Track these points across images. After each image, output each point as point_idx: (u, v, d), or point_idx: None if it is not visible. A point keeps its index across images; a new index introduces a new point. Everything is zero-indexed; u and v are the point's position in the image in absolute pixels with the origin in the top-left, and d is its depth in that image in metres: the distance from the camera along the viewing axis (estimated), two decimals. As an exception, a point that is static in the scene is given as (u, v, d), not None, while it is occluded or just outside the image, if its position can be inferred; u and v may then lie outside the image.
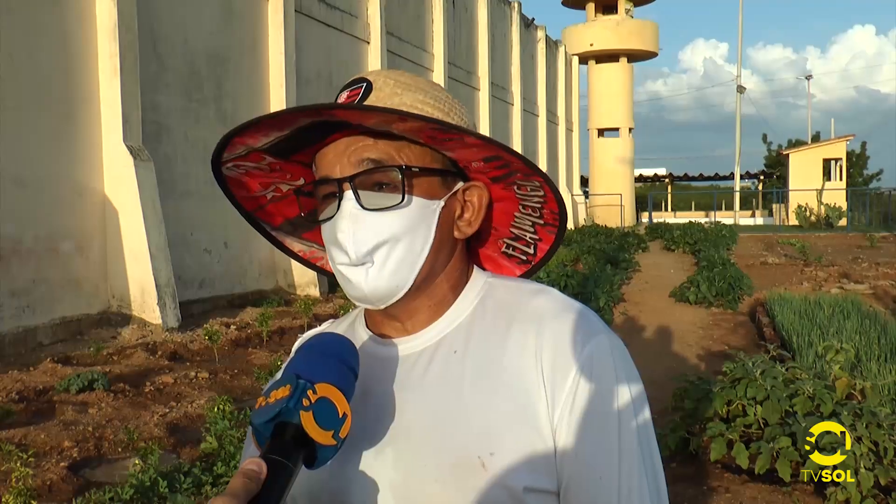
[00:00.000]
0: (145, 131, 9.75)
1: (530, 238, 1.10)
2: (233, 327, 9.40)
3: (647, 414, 0.94)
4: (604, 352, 0.93)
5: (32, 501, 3.72)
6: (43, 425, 5.41)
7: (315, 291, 12.51)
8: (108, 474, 4.69)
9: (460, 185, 1.01)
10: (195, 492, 4.06)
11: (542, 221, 1.07)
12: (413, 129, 0.93)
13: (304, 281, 12.67)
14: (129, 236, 9.21)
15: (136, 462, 4.30)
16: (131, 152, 9.18)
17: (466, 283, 1.03)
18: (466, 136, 0.93)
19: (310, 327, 9.09)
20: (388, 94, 0.97)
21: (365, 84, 0.98)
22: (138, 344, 8.28)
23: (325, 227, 0.98)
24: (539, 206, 1.05)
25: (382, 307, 0.97)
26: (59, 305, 8.61)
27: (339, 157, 0.95)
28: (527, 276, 1.12)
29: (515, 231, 1.10)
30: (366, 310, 1.06)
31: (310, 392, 0.82)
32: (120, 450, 5.09)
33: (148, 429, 5.34)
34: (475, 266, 1.06)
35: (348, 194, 0.94)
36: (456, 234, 1.01)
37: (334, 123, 0.94)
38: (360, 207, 0.93)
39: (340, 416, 0.83)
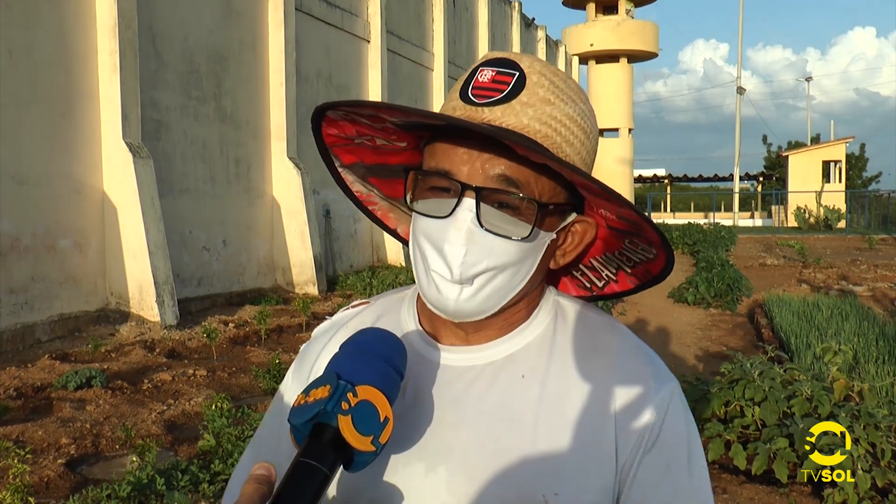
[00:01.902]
0: (144, 128, 9.74)
1: (606, 276, 1.03)
2: (231, 325, 9.40)
3: (704, 459, 0.94)
4: (676, 400, 0.92)
5: (30, 498, 3.72)
6: (40, 422, 5.41)
7: (313, 290, 12.51)
8: (106, 471, 4.69)
9: (573, 217, 0.94)
10: (192, 489, 4.05)
11: (629, 271, 1.00)
12: (558, 169, 0.85)
13: (303, 279, 12.67)
14: (127, 233, 9.20)
15: (134, 459, 4.30)
16: (130, 149, 9.17)
17: (539, 303, 0.98)
18: (626, 209, 0.86)
19: (308, 326, 9.00)
20: (541, 98, 0.87)
21: (517, 75, 0.88)
22: (136, 341, 8.27)
23: (425, 222, 0.89)
24: (639, 261, 0.98)
25: (457, 321, 0.91)
26: (58, 302, 8.60)
27: (472, 160, 0.86)
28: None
29: (595, 263, 1.03)
30: (420, 302, 1.00)
31: (350, 395, 0.78)
32: (117, 447, 5.08)
33: (145, 426, 5.34)
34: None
35: (469, 203, 0.85)
36: (551, 263, 0.95)
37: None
38: (478, 224, 0.85)
39: (382, 420, 0.78)
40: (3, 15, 7.94)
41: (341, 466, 0.79)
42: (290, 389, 1.05)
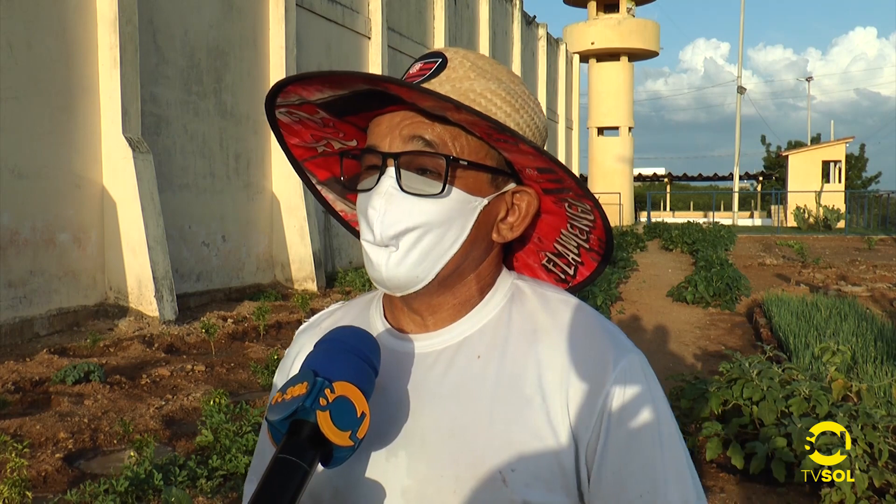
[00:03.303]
0: (144, 123, 9.73)
1: (572, 259, 1.05)
2: (230, 321, 9.40)
3: (678, 429, 0.93)
4: (635, 371, 0.91)
5: (27, 492, 3.72)
6: (38, 416, 5.41)
7: (312, 286, 12.51)
8: (103, 466, 4.69)
9: (511, 186, 0.97)
10: (190, 485, 4.06)
11: (587, 246, 1.03)
12: (467, 121, 0.88)
13: (302, 276, 12.67)
14: (127, 228, 9.20)
15: (132, 454, 4.29)
16: (130, 144, 9.16)
17: (493, 284, 0.99)
18: (521, 142, 0.88)
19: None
20: (461, 76, 0.92)
21: (440, 60, 0.94)
22: (135, 336, 8.27)
23: (360, 198, 0.94)
24: (587, 229, 1.00)
25: (400, 295, 0.93)
26: (56, 297, 8.60)
27: (392, 130, 0.91)
28: None
29: (559, 248, 1.05)
30: (384, 297, 1.03)
31: (327, 391, 0.79)
32: (115, 442, 5.08)
33: (143, 421, 5.34)
34: (504, 267, 1.02)
35: (390, 171, 0.90)
36: (495, 236, 0.96)
37: (392, 96, 0.89)
38: (398, 188, 0.89)
39: (359, 415, 0.80)
40: (3, 9, 7.93)
41: (319, 463, 0.80)
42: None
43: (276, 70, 12.68)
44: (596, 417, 0.88)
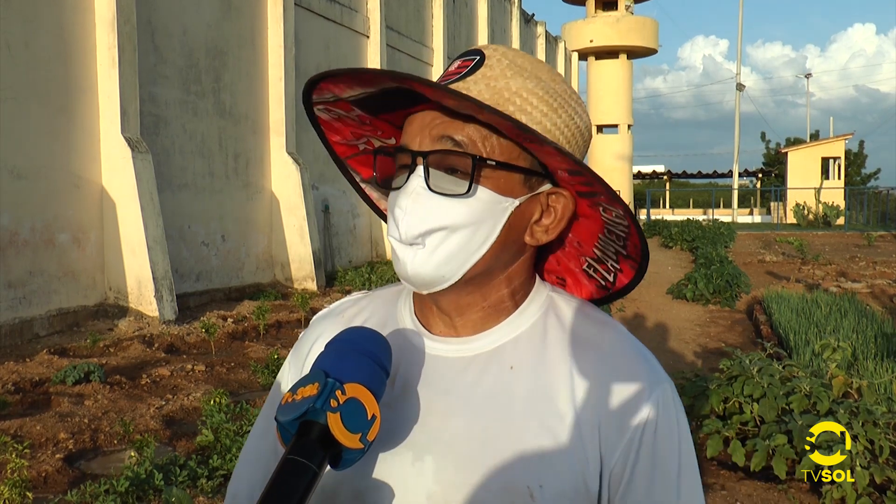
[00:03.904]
0: (143, 123, 9.73)
1: (611, 265, 1.02)
2: (229, 320, 9.40)
3: (695, 460, 0.94)
4: (668, 402, 0.92)
5: (28, 493, 3.71)
6: (39, 417, 5.40)
7: (312, 285, 12.50)
8: (104, 466, 4.69)
9: (546, 187, 0.94)
10: (191, 484, 4.06)
11: (625, 252, 1.00)
12: (493, 121, 0.86)
13: (302, 275, 12.66)
14: (126, 228, 9.19)
15: (132, 454, 4.29)
16: (129, 144, 9.15)
17: (529, 293, 0.97)
18: (546, 144, 0.86)
19: (307, 322, 9.04)
20: (497, 73, 0.91)
21: (478, 58, 0.92)
22: (135, 336, 8.27)
23: (391, 196, 0.93)
24: (624, 235, 0.97)
25: (426, 293, 0.92)
26: (56, 297, 8.59)
27: (422, 130, 0.90)
28: (601, 303, 1.06)
29: (598, 253, 1.02)
30: (414, 294, 1.01)
31: (338, 392, 0.78)
32: (116, 442, 5.08)
33: (144, 421, 5.34)
34: (538, 276, 1.01)
35: (419, 170, 0.89)
36: (527, 238, 0.94)
37: (420, 94, 0.89)
38: (426, 187, 0.88)
39: (369, 418, 0.79)
40: (1, 9, 7.91)
41: (328, 465, 0.79)
42: (287, 378, 1.06)
43: (275, 69, 12.67)
44: (625, 443, 0.89)
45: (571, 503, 0.87)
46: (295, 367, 1.05)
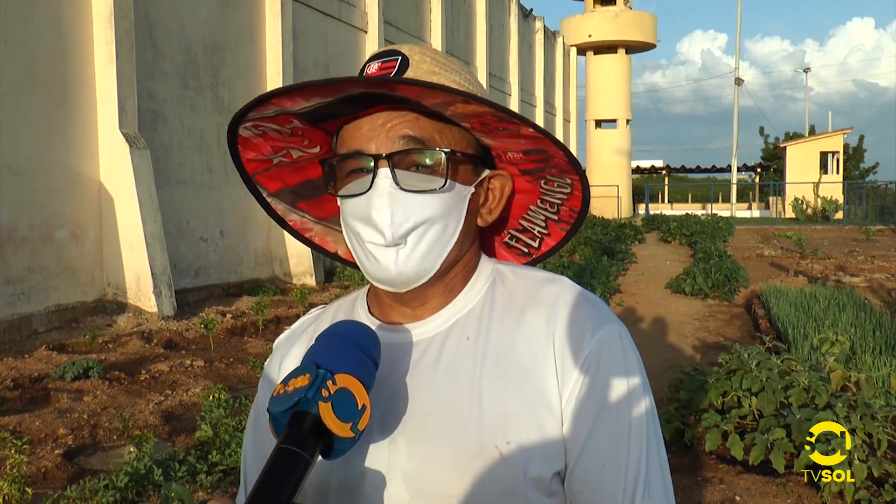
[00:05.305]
0: (141, 119, 9.71)
1: (538, 232, 1.08)
2: (228, 316, 9.40)
3: (652, 403, 0.94)
4: (613, 339, 0.93)
5: (27, 489, 3.71)
6: (38, 413, 5.41)
7: (311, 280, 12.50)
8: (103, 462, 4.69)
9: (487, 172, 0.99)
10: (190, 480, 4.06)
11: (556, 217, 1.06)
12: (470, 113, 0.89)
13: (300, 270, 12.66)
14: (124, 224, 9.18)
15: (131, 450, 4.30)
16: (127, 140, 9.14)
17: (475, 268, 1.01)
18: (525, 126, 0.89)
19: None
20: (426, 71, 0.94)
21: (400, 58, 0.94)
22: (134, 332, 8.27)
23: (350, 203, 0.93)
24: (559, 202, 1.04)
25: (404, 290, 0.94)
26: (55, 293, 8.59)
27: (376, 132, 0.92)
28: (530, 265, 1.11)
29: (524, 224, 1.09)
30: (369, 295, 1.04)
31: (329, 382, 0.80)
32: (115, 437, 5.08)
33: (143, 417, 5.34)
34: (482, 253, 1.05)
35: (384, 172, 0.90)
36: (479, 221, 1.00)
37: (376, 96, 0.90)
38: (396, 187, 0.90)
39: (360, 407, 0.81)
40: (-2, 4, 7.90)
41: (321, 455, 0.81)
42: (263, 406, 1.06)
43: (273, 65, 12.65)
44: (573, 384, 0.90)
45: (542, 453, 0.89)
46: (267, 392, 1.05)
